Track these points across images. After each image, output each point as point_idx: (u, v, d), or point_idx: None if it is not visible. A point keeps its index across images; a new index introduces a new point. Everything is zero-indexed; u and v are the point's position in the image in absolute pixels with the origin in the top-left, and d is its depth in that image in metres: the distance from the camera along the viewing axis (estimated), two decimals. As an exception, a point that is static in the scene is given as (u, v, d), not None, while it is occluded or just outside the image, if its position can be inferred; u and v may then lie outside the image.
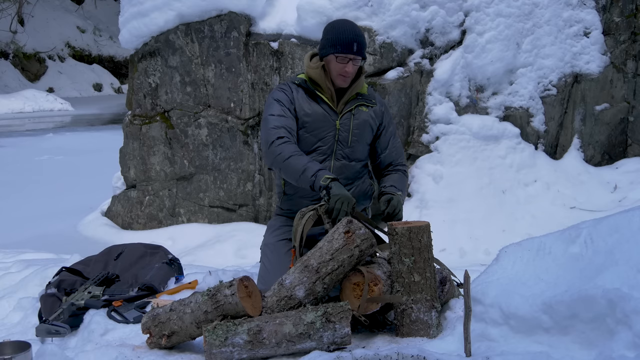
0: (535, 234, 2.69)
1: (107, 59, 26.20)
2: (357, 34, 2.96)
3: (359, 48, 2.94)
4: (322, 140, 3.02)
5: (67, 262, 3.77)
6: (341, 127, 3.02)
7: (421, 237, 2.46)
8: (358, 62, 2.96)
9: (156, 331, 2.51)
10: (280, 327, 2.27)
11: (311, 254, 2.46)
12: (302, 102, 3.01)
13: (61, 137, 12.87)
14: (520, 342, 2.15)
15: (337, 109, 3.03)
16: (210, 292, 2.44)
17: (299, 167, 2.80)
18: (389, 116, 3.20)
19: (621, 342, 1.91)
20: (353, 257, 2.43)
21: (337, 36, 2.94)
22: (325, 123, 3.01)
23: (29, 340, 2.63)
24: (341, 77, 2.97)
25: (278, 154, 2.85)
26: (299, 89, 3.05)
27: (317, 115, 3.00)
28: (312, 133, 3.01)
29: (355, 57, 2.93)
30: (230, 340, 2.28)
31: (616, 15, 6.52)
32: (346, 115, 3.04)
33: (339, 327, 2.28)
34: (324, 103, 3.01)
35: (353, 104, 3.05)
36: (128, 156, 6.57)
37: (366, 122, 3.08)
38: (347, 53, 2.92)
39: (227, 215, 6.19)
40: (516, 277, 2.26)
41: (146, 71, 6.30)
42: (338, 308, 2.31)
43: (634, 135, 6.64)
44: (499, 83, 6.03)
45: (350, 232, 2.43)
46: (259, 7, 5.91)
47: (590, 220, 2.31)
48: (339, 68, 2.95)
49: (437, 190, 5.59)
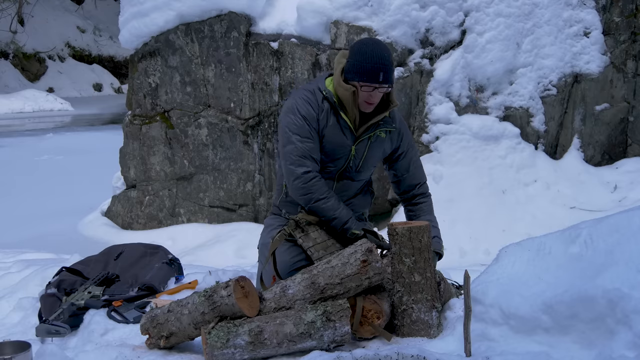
0: (535, 234, 2.69)
1: (107, 59, 26.18)
2: (384, 62, 2.79)
3: (385, 77, 2.78)
4: (333, 162, 2.95)
5: (67, 262, 3.77)
6: (356, 153, 2.95)
7: (421, 237, 2.45)
8: (384, 90, 2.82)
9: (155, 332, 2.51)
10: (281, 327, 2.28)
11: (322, 271, 2.41)
12: (326, 123, 2.90)
13: (61, 137, 12.86)
14: (520, 342, 2.15)
15: (357, 133, 2.93)
16: (207, 293, 2.43)
17: (329, 214, 2.82)
18: (408, 138, 3.09)
19: (621, 342, 1.91)
20: (361, 286, 2.40)
21: (363, 64, 2.78)
22: (342, 149, 2.93)
23: (29, 340, 2.63)
24: (366, 104, 2.85)
25: (307, 194, 2.81)
26: (325, 102, 2.90)
27: (334, 137, 2.91)
28: (326, 154, 2.93)
29: (382, 85, 2.79)
30: (232, 342, 2.28)
31: (616, 15, 6.52)
32: (363, 141, 2.94)
33: (339, 326, 2.28)
34: (346, 127, 2.91)
35: (373, 129, 2.94)
36: (128, 156, 6.57)
37: (380, 149, 3.00)
38: (372, 82, 2.78)
39: (227, 215, 6.19)
40: (516, 277, 2.26)
41: (146, 71, 6.30)
42: (337, 307, 2.31)
43: (634, 135, 6.63)
44: (499, 83, 6.03)
45: (367, 262, 2.36)
46: (259, 7, 5.92)
47: (590, 220, 2.31)
48: (364, 96, 2.82)
49: (437, 190, 5.57)
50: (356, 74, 2.80)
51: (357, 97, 2.85)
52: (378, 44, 2.90)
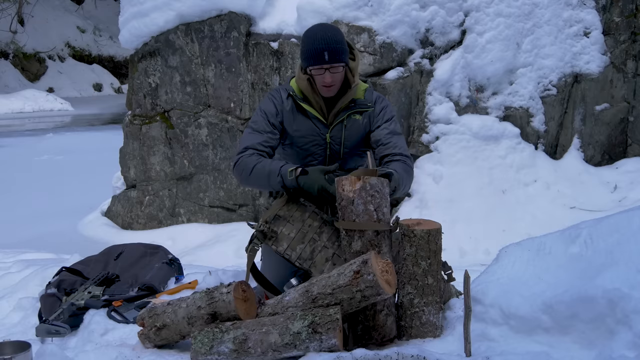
0: (535, 234, 2.68)
1: (107, 59, 26.19)
2: (329, 41, 2.77)
3: (332, 55, 2.75)
4: (312, 155, 2.93)
5: (67, 262, 3.77)
6: (332, 140, 2.90)
7: (437, 240, 2.40)
8: (337, 70, 2.79)
9: (149, 322, 2.53)
10: (266, 337, 2.23)
11: (318, 279, 2.35)
12: (290, 116, 2.90)
13: (61, 137, 12.87)
14: (520, 342, 2.15)
15: (328, 121, 2.90)
16: (209, 290, 2.47)
17: (263, 174, 2.70)
18: (386, 113, 2.95)
19: (621, 342, 1.91)
20: (354, 300, 2.25)
21: (308, 48, 2.80)
22: (315, 137, 2.90)
23: (29, 340, 2.63)
24: (324, 88, 2.83)
25: (242, 171, 2.76)
26: (289, 99, 2.92)
27: (306, 131, 2.89)
28: (302, 147, 2.92)
29: (331, 65, 2.77)
30: (215, 349, 2.26)
31: (616, 15, 6.52)
32: (337, 127, 2.89)
33: (325, 338, 2.17)
34: (314, 117, 2.89)
35: (345, 113, 2.89)
36: (128, 156, 6.57)
37: (358, 131, 2.93)
38: (320, 64, 2.77)
39: (227, 215, 6.19)
40: (516, 277, 2.27)
41: (146, 71, 6.30)
42: (326, 317, 2.19)
43: (634, 135, 6.64)
44: (499, 83, 6.03)
45: (359, 274, 2.24)
46: (259, 7, 5.92)
47: (590, 220, 2.31)
48: (318, 80, 2.81)
49: (437, 190, 5.59)
50: (305, 60, 2.84)
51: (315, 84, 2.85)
52: (322, 26, 2.92)
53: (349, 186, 2.35)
